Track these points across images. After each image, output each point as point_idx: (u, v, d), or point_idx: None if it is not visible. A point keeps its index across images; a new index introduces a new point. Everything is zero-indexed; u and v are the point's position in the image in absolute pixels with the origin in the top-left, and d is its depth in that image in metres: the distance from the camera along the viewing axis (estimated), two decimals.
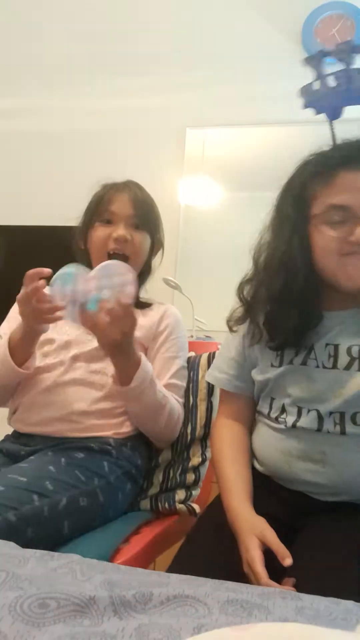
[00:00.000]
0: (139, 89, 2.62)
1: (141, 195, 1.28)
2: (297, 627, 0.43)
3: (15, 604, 0.49)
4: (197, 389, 1.28)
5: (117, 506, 1.09)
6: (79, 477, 1.00)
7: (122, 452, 1.13)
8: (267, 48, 2.49)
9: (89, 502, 0.99)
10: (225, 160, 2.47)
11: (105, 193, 1.28)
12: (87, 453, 1.08)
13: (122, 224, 1.23)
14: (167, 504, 1.17)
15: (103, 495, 1.03)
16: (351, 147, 0.92)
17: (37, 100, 2.74)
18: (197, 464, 1.22)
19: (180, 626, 0.48)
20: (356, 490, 0.93)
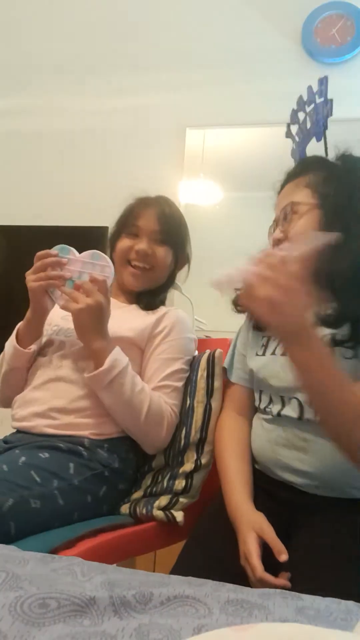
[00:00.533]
0: (139, 89, 2.62)
1: (169, 211, 1.32)
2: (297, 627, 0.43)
3: (15, 603, 0.49)
4: (195, 390, 1.19)
5: (86, 509, 1.04)
6: (34, 478, 0.97)
7: (95, 454, 1.09)
8: (267, 48, 2.49)
9: (42, 504, 0.94)
10: (225, 160, 2.47)
11: (135, 207, 1.33)
12: (53, 453, 1.04)
13: (146, 238, 1.28)
14: (144, 510, 1.08)
15: (63, 498, 0.99)
16: (286, 173, 1.07)
17: (37, 100, 2.74)
18: (189, 470, 1.13)
19: (181, 626, 0.48)
20: (339, 480, 0.93)
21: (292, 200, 1.00)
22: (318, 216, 0.95)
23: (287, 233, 0.98)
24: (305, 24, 2.43)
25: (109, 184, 2.56)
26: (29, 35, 2.78)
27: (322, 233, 0.82)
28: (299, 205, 0.98)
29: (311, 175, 1.01)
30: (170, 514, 1.08)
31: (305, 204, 0.97)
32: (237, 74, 2.51)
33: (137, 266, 1.27)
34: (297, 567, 0.85)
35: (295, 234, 0.96)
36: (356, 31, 2.37)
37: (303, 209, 0.97)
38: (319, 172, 1.01)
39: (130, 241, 1.28)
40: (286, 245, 0.86)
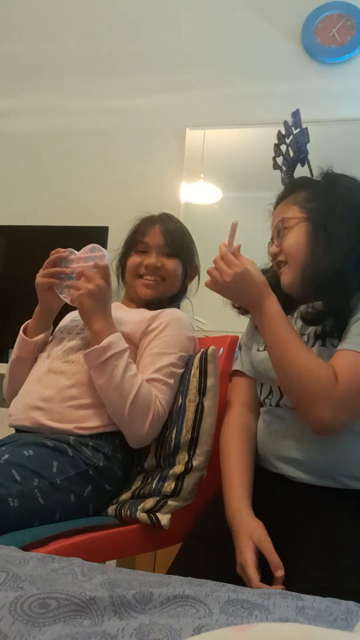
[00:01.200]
0: (139, 89, 2.62)
1: (172, 226, 1.40)
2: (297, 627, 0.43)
3: (15, 603, 0.49)
4: (187, 389, 1.16)
5: (69, 509, 1.03)
6: (14, 476, 0.96)
7: (80, 452, 1.08)
8: (267, 48, 2.49)
9: (20, 503, 0.94)
10: (225, 160, 2.47)
11: (140, 226, 1.41)
12: (37, 450, 1.04)
13: (153, 253, 1.35)
14: (129, 512, 1.05)
15: (43, 497, 0.98)
16: (277, 195, 1.19)
17: (37, 100, 2.74)
18: (179, 472, 1.09)
19: (181, 626, 0.48)
20: (332, 468, 0.96)
21: (282, 217, 1.11)
22: (306, 227, 1.07)
23: (281, 246, 1.10)
24: (305, 24, 2.43)
25: (109, 184, 2.56)
26: (29, 35, 2.78)
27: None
28: (289, 220, 1.09)
29: (298, 194, 1.12)
30: (154, 516, 1.04)
31: (294, 219, 1.09)
32: (237, 74, 2.51)
33: (148, 278, 1.35)
34: (295, 564, 0.86)
35: (287, 246, 1.08)
36: (356, 31, 2.37)
37: (292, 223, 1.08)
38: (305, 190, 1.12)
39: (139, 257, 1.36)
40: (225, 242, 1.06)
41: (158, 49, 2.61)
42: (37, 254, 1.37)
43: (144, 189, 2.47)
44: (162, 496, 1.07)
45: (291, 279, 1.08)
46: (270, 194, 1.21)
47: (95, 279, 1.15)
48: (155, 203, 1.44)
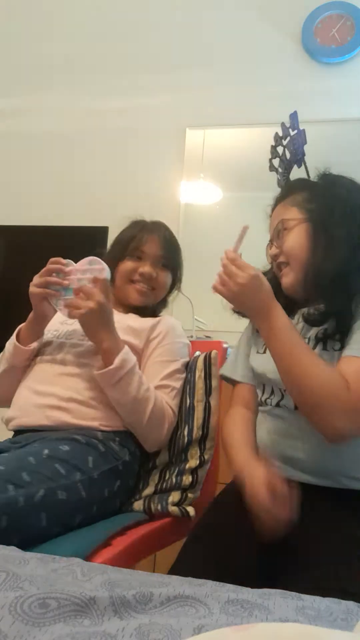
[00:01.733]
0: (139, 89, 2.62)
1: (170, 237, 1.42)
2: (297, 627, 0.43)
3: (15, 603, 0.49)
4: (194, 391, 1.26)
5: (104, 503, 1.07)
6: (59, 470, 0.99)
7: (110, 448, 1.12)
8: (267, 48, 2.49)
9: (68, 496, 0.98)
10: (225, 160, 2.47)
11: (138, 233, 1.39)
12: (72, 446, 1.07)
13: (150, 262, 1.36)
14: (159, 506, 1.13)
15: (85, 491, 1.02)
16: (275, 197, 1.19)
17: (37, 100, 2.74)
18: (194, 466, 1.19)
19: (181, 626, 0.48)
20: (332, 468, 0.96)
21: (282, 218, 1.10)
22: (306, 228, 1.07)
23: (281, 248, 1.09)
24: (305, 24, 2.43)
25: (109, 184, 2.57)
26: (29, 36, 2.78)
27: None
28: (288, 221, 1.09)
29: (296, 195, 1.11)
30: (184, 509, 1.14)
31: (294, 220, 1.08)
32: (237, 74, 2.51)
33: (141, 286, 1.35)
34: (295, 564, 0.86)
35: (288, 247, 1.08)
36: (356, 31, 2.37)
37: (292, 224, 1.08)
38: (303, 191, 1.12)
39: (134, 263, 1.36)
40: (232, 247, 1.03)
41: (158, 49, 2.61)
42: (37, 254, 1.37)
43: (144, 189, 2.47)
44: (182, 489, 1.16)
45: (293, 281, 1.08)
46: (270, 194, 1.21)
47: (94, 296, 1.13)
48: (155, 203, 1.44)
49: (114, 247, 1.42)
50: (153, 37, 2.63)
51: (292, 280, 1.08)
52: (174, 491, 1.16)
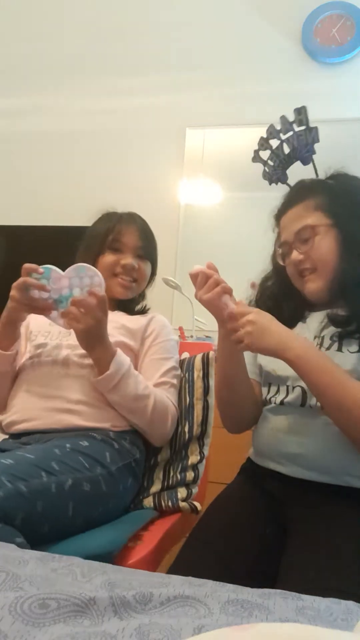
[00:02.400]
0: (139, 89, 2.62)
1: (145, 227, 1.41)
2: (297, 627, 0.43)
3: (15, 604, 0.49)
4: (193, 389, 1.31)
5: (119, 498, 1.10)
6: (83, 463, 1.02)
7: (123, 445, 1.15)
8: (267, 48, 2.49)
9: (92, 489, 1.00)
10: (225, 160, 2.47)
11: (115, 225, 1.38)
12: (91, 441, 1.09)
13: (130, 254, 1.35)
14: (170, 502, 1.18)
15: (105, 485, 1.04)
16: (284, 199, 1.18)
17: (37, 100, 2.74)
18: (195, 462, 1.24)
19: (181, 626, 0.48)
20: (336, 465, 0.97)
21: (306, 223, 1.09)
22: (335, 234, 1.07)
23: (307, 254, 1.09)
24: (305, 24, 2.43)
25: (109, 184, 2.57)
26: (29, 36, 2.78)
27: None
28: (318, 227, 1.08)
29: (316, 198, 1.10)
30: (193, 504, 1.19)
31: (323, 226, 1.08)
32: (237, 74, 2.52)
33: (124, 279, 1.34)
34: (295, 564, 0.86)
35: (319, 254, 1.07)
36: (356, 31, 2.38)
37: (321, 230, 1.07)
38: (322, 194, 1.11)
39: (115, 256, 1.35)
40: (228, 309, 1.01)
41: (158, 49, 2.61)
42: (37, 254, 1.37)
43: (144, 189, 2.47)
44: (187, 484, 1.22)
45: (321, 287, 1.08)
46: (270, 194, 1.21)
47: (94, 312, 1.11)
48: (155, 203, 1.44)
49: (91, 241, 1.39)
50: (153, 37, 2.63)
51: (320, 287, 1.08)
52: (180, 487, 1.21)
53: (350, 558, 0.85)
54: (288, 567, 0.86)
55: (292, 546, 0.91)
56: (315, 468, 0.98)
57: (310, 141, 1.27)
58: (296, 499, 0.98)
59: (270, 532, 0.97)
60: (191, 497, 1.20)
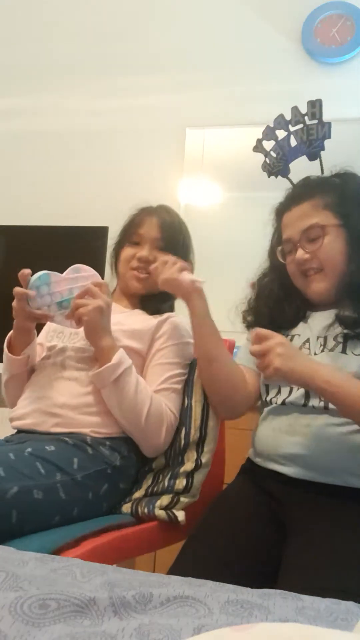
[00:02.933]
0: (139, 89, 2.62)
1: (169, 219, 1.36)
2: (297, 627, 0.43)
3: (15, 604, 0.49)
4: (192, 390, 1.22)
5: (87, 506, 1.05)
6: (39, 469, 0.98)
7: (98, 451, 1.10)
8: (267, 48, 2.49)
9: (44, 497, 0.95)
10: (225, 160, 2.47)
11: (137, 216, 1.37)
12: (58, 446, 1.05)
13: (147, 246, 1.31)
14: (146, 509, 1.09)
15: (65, 492, 0.99)
16: (289, 195, 1.17)
17: (37, 100, 2.74)
18: (189, 470, 1.14)
19: (181, 626, 0.48)
20: (337, 465, 0.96)
21: (315, 222, 1.07)
22: (344, 235, 1.06)
23: (315, 254, 1.07)
24: (305, 24, 2.43)
25: (109, 184, 2.56)
26: (29, 36, 2.78)
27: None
28: (327, 227, 1.06)
29: (326, 197, 1.08)
30: (172, 513, 1.09)
31: (332, 225, 1.06)
32: (237, 74, 2.51)
33: (140, 272, 1.31)
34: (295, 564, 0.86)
35: (327, 254, 1.05)
36: (356, 31, 2.37)
37: (330, 230, 1.06)
38: (331, 193, 1.09)
39: (133, 249, 1.32)
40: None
41: (158, 49, 2.61)
42: (37, 254, 1.37)
43: (144, 189, 2.46)
44: (175, 493, 1.12)
45: (328, 287, 1.08)
46: (271, 194, 1.21)
47: (100, 295, 1.12)
48: (155, 203, 1.43)
49: (118, 235, 1.40)
50: (153, 37, 2.63)
51: (327, 287, 1.08)
52: (165, 494, 1.12)
53: (351, 558, 0.85)
54: (288, 567, 0.86)
55: (292, 546, 0.91)
56: (316, 469, 0.97)
57: (321, 136, 1.22)
58: (297, 499, 0.98)
59: (270, 532, 0.97)
60: (176, 506, 1.10)
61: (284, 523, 0.98)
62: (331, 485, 0.96)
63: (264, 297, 1.19)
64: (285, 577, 0.85)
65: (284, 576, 0.85)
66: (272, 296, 1.17)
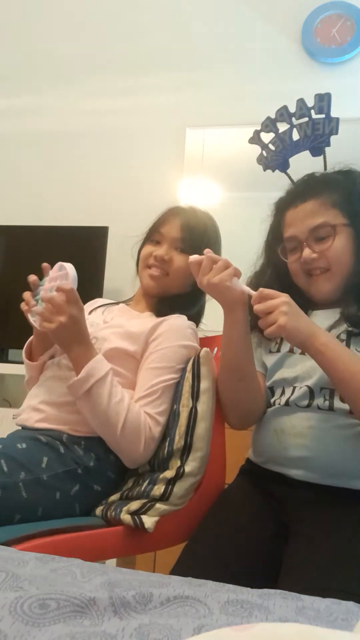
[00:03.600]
0: (139, 89, 2.62)
1: (195, 221, 1.30)
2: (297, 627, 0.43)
3: (15, 604, 0.49)
4: (181, 394, 1.12)
5: (54, 506, 1.02)
6: (2, 467, 0.97)
7: (71, 451, 1.08)
8: (267, 48, 2.49)
9: (3, 494, 0.94)
10: (225, 160, 2.47)
11: (162, 215, 1.33)
12: (30, 444, 1.05)
13: (166, 245, 1.28)
14: (114, 513, 1.03)
15: (27, 491, 0.98)
16: (292, 190, 1.14)
17: (37, 100, 2.74)
18: (169, 477, 1.06)
19: (181, 626, 0.48)
20: (340, 466, 0.96)
21: (324, 221, 1.04)
22: (351, 234, 1.05)
23: (323, 254, 1.05)
24: (305, 24, 2.43)
25: (109, 184, 2.56)
26: (29, 36, 2.78)
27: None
28: (337, 226, 1.04)
29: (334, 195, 1.06)
30: (138, 519, 1.01)
31: (342, 225, 1.04)
32: (237, 74, 2.51)
33: (154, 271, 1.27)
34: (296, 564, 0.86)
35: (335, 254, 1.04)
36: (356, 31, 2.37)
37: (340, 230, 1.04)
38: (339, 191, 1.07)
39: (152, 248, 1.29)
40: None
41: (158, 49, 2.61)
42: (37, 254, 1.37)
43: (144, 189, 2.47)
44: (150, 499, 1.05)
45: (333, 287, 1.06)
46: (271, 194, 1.20)
47: (64, 310, 1.05)
48: (155, 203, 1.42)
49: (145, 233, 1.36)
50: (153, 37, 2.63)
51: (333, 287, 1.06)
52: (137, 500, 1.05)
53: (351, 559, 0.85)
54: (289, 568, 0.86)
55: (293, 546, 0.91)
56: (320, 471, 0.96)
57: (328, 132, 1.18)
58: (298, 500, 0.98)
59: (271, 533, 0.97)
60: (150, 512, 1.02)
61: (284, 523, 0.98)
62: (333, 487, 0.96)
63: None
64: (286, 577, 0.85)
65: (284, 576, 0.85)
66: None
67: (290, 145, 1.22)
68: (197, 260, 0.98)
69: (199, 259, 0.98)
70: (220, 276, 0.95)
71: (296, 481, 0.98)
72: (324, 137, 1.18)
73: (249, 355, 1.06)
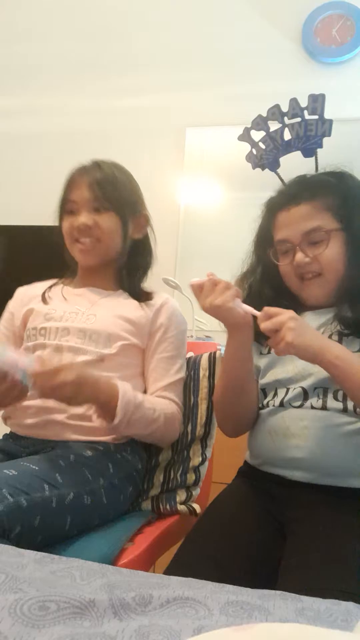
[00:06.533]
0: (139, 89, 2.62)
1: (100, 175, 1.21)
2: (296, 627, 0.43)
3: (15, 605, 0.49)
4: (198, 388, 1.27)
5: (118, 507, 1.09)
6: (86, 475, 1.00)
7: (124, 457, 1.13)
8: (267, 48, 2.49)
9: (92, 501, 0.98)
10: (225, 160, 2.47)
11: (67, 182, 1.24)
12: (94, 452, 1.07)
13: (83, 211, 1.19)
14: (168, 505, 1.18)
15: (106, 496, 1.02)
16: (284, 191, 1.13)
17: (37, 100, 2.74)
18: (197, 464, 1.22)
19: (181, 627, 0.48)
20: (336, 466, 0.96)
21: (317, 225, 1.03)
22: (344, 239, 1.04)
23: (316, 258, 1.04)
24: (305, 24, 2.43)
25: None
26: (30, 36, 2.78)
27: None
28: (332, 231, 1.03)
29: (328, 198, 1.05)
30: (191, 507, 1.18)
31: (336, 229, 1.04)
32: (237, 74, 2.51)
33: (84, 242, 1.19)
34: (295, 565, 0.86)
35: (328, 259, 1.03)
36: (356, 31, 2.37)
37: (334, 235, 1.03)
38: (333, 194, 1.06)
39: (70, 219, 1.20)
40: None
41: (158, 49, 2.61)
42: (37, 254, 1.37)
43: (143, 188, 2.45)
44: (187, 487, 1.20)
45: (325, 292, 1.06)
46: (270, 194, 1.20)
47: (58, 390, 0.97)
48: (155, 203, 1.42)
49: (57, 209, 1.27)
50: (153, 37, 2.63)
51: (325, 292, 1.06)
52: (180, 490, 1.20)
53: (350, 559, 0.85)
54: (288, 568, 0.86)
55: (291, 547, 0.91)
56: (316, 471, 0.97)
57: (321, 133, 1.16)
58: (295, 500, 0.97)
59: (270, 533, 0.97)
60: (191, 499, 1.20)
61: (282, 524, 0.98)
62: (331, 486, 0.96)
63: (255, 297, 1.12)
64: (285, 578, 0.85)
65: (283, 577, 0.85)
66: (262, 297, 1.11)
67: (281, 144, 1.20)
68: (198, 284, 0.97)
69: (200, 282, 0.96)
70: (223, 298, 0.94)
71: (293, 482, 0.98)
72: (316, 138, 1.17)
73: (251, 373, 1.08)
